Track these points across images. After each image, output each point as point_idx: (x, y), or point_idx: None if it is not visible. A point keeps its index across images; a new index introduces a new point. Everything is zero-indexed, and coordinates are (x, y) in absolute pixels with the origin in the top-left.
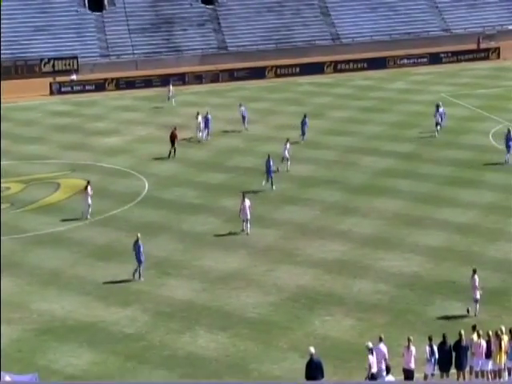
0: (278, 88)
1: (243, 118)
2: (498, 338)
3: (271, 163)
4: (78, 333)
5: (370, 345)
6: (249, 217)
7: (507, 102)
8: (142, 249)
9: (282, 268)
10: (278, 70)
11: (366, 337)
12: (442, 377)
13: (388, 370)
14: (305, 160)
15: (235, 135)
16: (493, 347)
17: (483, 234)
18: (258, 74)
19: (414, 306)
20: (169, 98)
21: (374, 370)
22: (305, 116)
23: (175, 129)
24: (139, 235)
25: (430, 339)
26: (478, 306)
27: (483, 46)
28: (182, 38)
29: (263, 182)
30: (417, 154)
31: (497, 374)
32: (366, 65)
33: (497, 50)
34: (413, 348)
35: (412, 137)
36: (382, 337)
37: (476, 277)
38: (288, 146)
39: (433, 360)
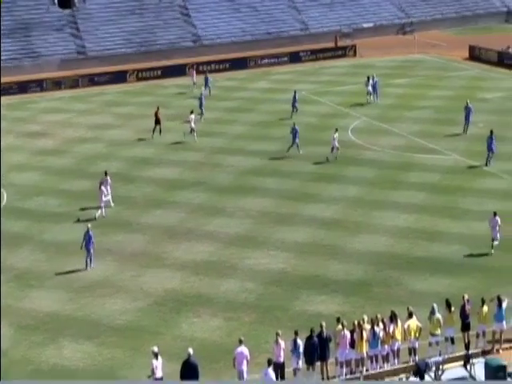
0: (141, 92)
1: None
2: (360, 327)
3: (297, 130)
4: None
5: (156, 349)
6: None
7: (365, 97)
8: (92, 239)
9: (149, 272)
10: (140, 74)
11: (234, 336)
12: (307, 369)
13: (270, 363)
14: (170, 163)
15: (97, 141)
16: (355, 337)
17: (347, 228)
18: (119, 78)
19: (281, 301)
20: (194, 84)
21: (159, 374)
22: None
23: (158, 108)
24: (89, 225)
25: (296, 333)
26: (496, 242)
27: (340, 44)
28: (40, 44)
29: (288, 150)
30: (281, 151)
31: (359, 362)
32: (228, 65)
33: (353, 48)
34: (281, 342)
35: (276, 135)
36: (242, 339)
37: (497, 218)
38: (336, 135)
39: (296, 353)
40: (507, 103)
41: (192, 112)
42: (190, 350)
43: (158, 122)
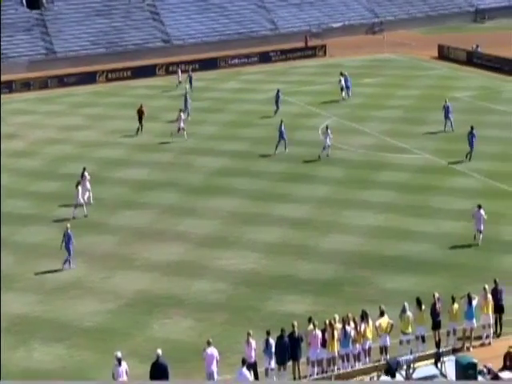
0: (111, 92)
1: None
2: (331, 326)
3: (283, 129)
4: None
5: (119, 354)
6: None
7: (334, 97)
8: (72, 239)
9: (119, 274)
10: (110, 75)
11: (206, 336)
12: (279, 369)
13: (244, 362)
14: (139, 163)
15: (67, 142)
16: (327, 336)
17: (317, 228)
18: (88, 78)
19: (252, 302)
20: (180, 82)
21: (123, 377)
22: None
23: (142, 106)
24: (69, 225)
25: (268, 333)
26: (481, 235)
27: (311, 44)
28: (8, 45)
29: (276, 151)
30: (251, 152)
31: (331, 361)
32: (197, 66)
33: (323, 48)
34: (252, 342)
35: (247, 135)
36: (211, 340)
37: (481, 211)
38: (329, 132)
39: (268, 354)
40: (476, 102)
41: (181, 111)
42: (159, 351)
43: (140, 118)
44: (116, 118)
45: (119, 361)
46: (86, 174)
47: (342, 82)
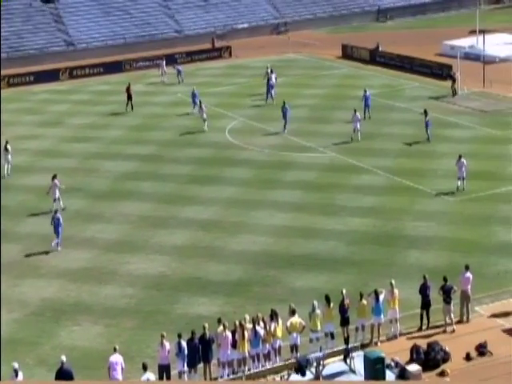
0: (12, 98)
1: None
2: (241, 327)
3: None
4: None
5: (16, 365)
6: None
7: (240, 98)
8: (60, 221)
9: (25, 282)
10: (11, 80)
11: (116, 342)
12: (190, 372)
13: (145, 368)
14: (43, 169)
15: None
16: (237, 337)
17: (225, 229)
18: None
19: (162, 305)
20: (164, 73)
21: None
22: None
23: (129, 85)
24: (57, 210)
25: (179, 336)
26: (465, 181)
27: (217, 45)
28: None
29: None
30: (158, 155)
31: (242, 362)
32: (102, 69)
33: (229, 49)
34: (166, 343)
35: (153, 138)
36: (116, 347)
37: (462, 159)
38: (358, 116)
39: (181, 356)
40: (379, 100)
41: (201, 102)
42: (63, 358)
43: (129, 97)
44: (18, 123)
45: (16, 372)
46: (9, 147)
47: (273, 79)
